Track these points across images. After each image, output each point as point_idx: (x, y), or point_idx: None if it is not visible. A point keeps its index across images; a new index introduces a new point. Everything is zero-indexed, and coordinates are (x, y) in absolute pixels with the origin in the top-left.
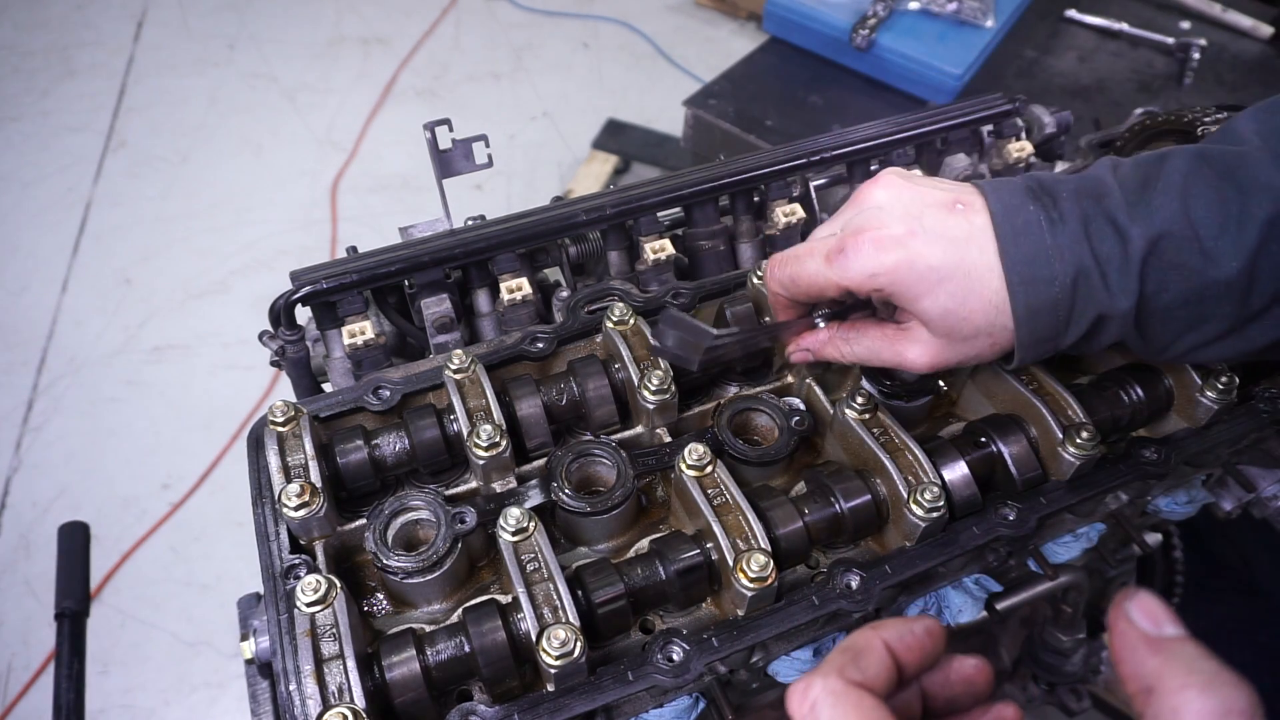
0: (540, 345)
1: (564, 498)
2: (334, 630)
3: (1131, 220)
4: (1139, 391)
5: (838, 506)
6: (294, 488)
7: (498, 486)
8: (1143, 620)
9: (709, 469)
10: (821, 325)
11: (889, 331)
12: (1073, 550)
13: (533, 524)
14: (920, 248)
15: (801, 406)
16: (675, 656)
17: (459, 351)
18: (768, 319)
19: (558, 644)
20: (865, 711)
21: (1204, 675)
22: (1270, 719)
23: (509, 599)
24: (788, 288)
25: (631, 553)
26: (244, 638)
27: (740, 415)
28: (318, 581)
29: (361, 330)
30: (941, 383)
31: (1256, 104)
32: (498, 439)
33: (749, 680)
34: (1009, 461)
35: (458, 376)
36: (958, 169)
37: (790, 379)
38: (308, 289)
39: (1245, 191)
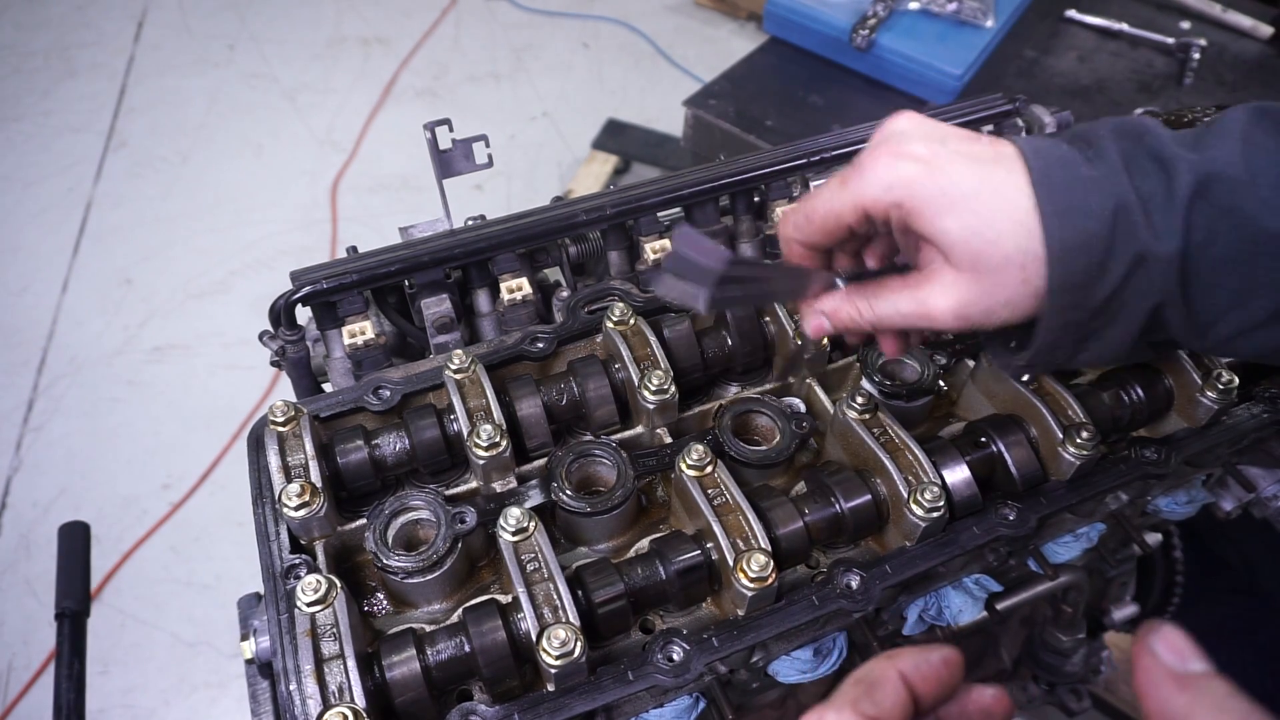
0: (540, 345)
1: (564, 498)
2: (334, 630)
3: (1180, 157)
4: (1139, 391)
5: (838, 506)
6: (294, 488)
7: (498, 486)
8: (1168, 655)
9: (709, 469)
10: (841, 285)
11: (910, 279)
12: (1073, 550)
13: (533, 524)
14: (943, 164)
15: (802, 407)
16: (675, 656)
17: (459, 351)
18: (768, 318)
19: (558, 644)
20: None
21: (1235, 714)
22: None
23: (509, 599)
24: (802, 227)
25: (631, 553)
26: (244, 638)
27: (741, 417)
28: (318, 581)
29: (361, 330)
30: (941, 383)
31: None
32: (498, 439)
33: (749, 680)
34: (1009, 461)
35: (458, 376)
36: None
37: (791, 379)
38: (308, 289)
39: None
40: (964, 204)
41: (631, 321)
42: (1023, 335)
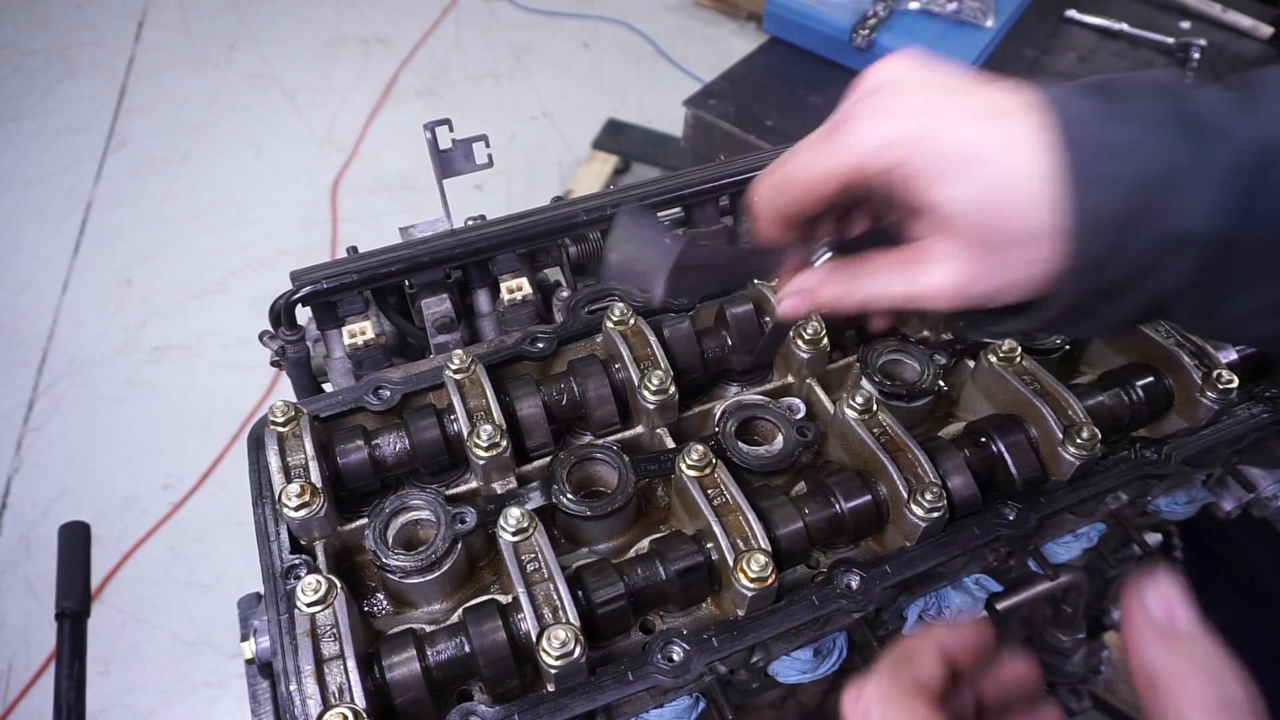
0: (540, 345)
1: (565, 501)
2: (334, 630)
3: (1231, 124)
4: (1139, 391)
5: (838, 506)
6: (294, 488)
7: (498, 487)
8: (1157, 608)
9: (709, 469)
10: (819, 261)
11: (901, 255)
12: (1073, 550)
13: (533, 524)
14: (947, 119)
15: (803, 408)
16: (675, 656)
17: (459, 351)
18: (768, 318)
19: (558, 644)
20: (918, 715)
21: (1216, 677)
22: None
23: (509, 599)
24: (775, 198)
25: (632, 553)
26: (244, 638)
27: (745, 423)
28: (318, 581)
29: (362, 330)
30: (941, 383)
31: None
32: (498, 439)
33: (749, 680)
34: (1009, 462)
35: (458, 376)
36: None
37: (791, 379)
38: (308, 289)
39: None
40: (972, 168)
41: (631, 321)
42: (1017, 309)
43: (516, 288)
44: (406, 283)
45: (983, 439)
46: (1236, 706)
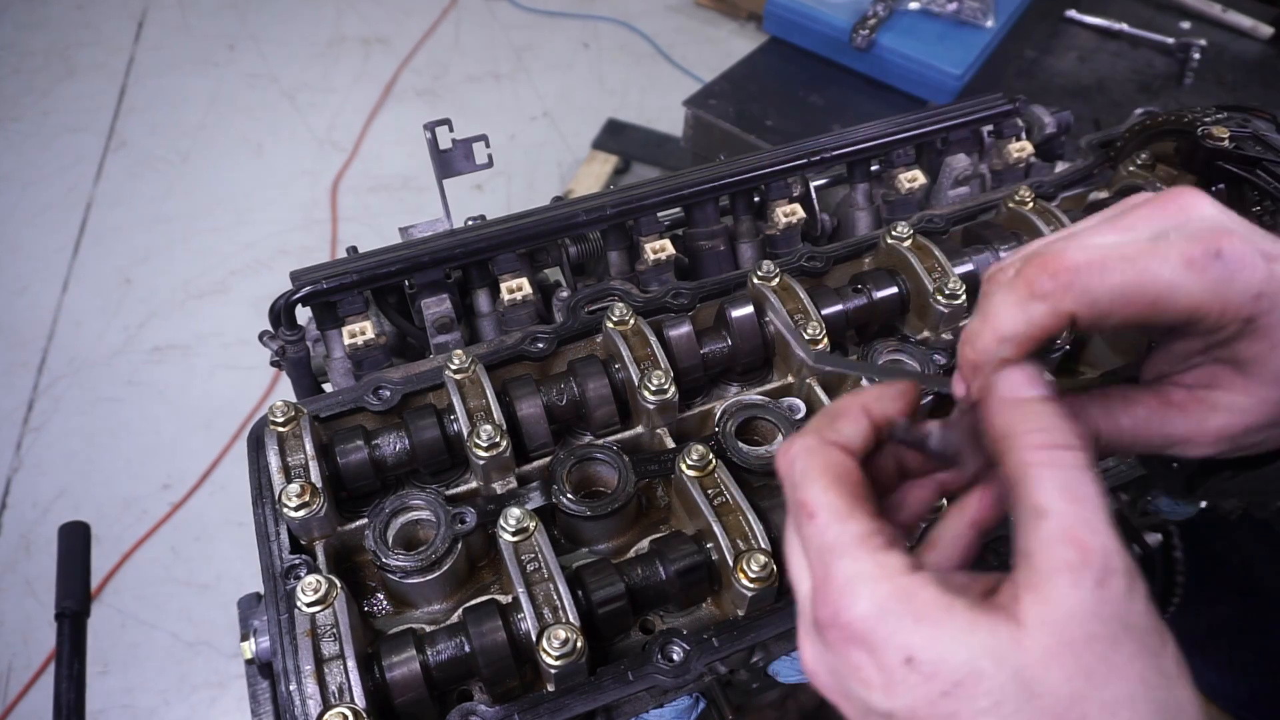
0: (540, 345)
1: (565, 502)
2: (334, 630)
3: None
4: None
5: None
6: (294, 488)
7: (498, 487)
8: (1005, 389)
9: (709, 469)
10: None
11: (1174, 398)
12: None
13: (533, 524)
14: None
15: (803, 408)
16: (675, 656)
17: (459, 351)
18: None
19: (558, 644)
20: (835, 466)
21: (1051, 432)
22: (1271, 719)
23: (509, 599)
24: (1114, 298)
25: (632, 553)
26: (244, 638)
27: (745, 424)
28: (318, 581)
29: (362, 330)
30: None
31: None
32: (498, 439)
33: (749, 680)
34: None
35: (458, 376)
36: (958, 169)
37: (791, 379)
38: (308, 289)
39: None
40: None
41: (631, 321)
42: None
43: (516, 288)
44: (406, 283)
45: None
46: (1077, 447)
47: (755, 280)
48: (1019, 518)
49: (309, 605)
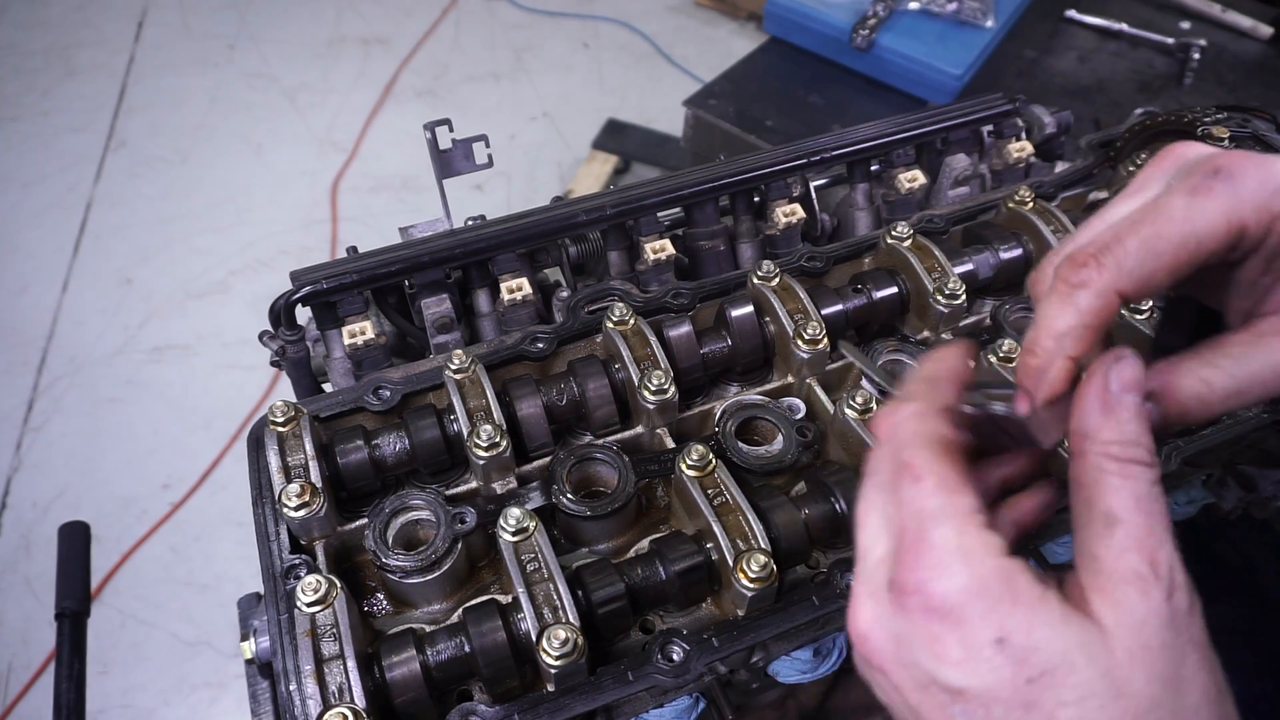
0: (540, 345)
1: (565, 502)
2: (334, 630)
3: None
4: None
5: (838, 506)
6: (294, 488)
7: (498, 487)
8: (1115, 384)
9: (709, 469)
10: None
11: (1268, 326)
12: (1073, 550)
13: (533, 524)
14: None
15: (803, 408)
16: (675, 656)
17: (459, 351)
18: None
19: (558, 644)
20: (945, 437)
21: (1132, 443)
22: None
23: (509, 599)
24: (1142, 259)
25: (632, 553)
26: (244, 638)
27: (745, 423)
28: (318, 581)
29: (362, 330)
30: None
31: None
32: (498, 439)
33: (749, 680)
34: None
35: (458, 376)
36: (958, 169)
37: (790, 379)
38: (308, 289)
39: None
40: None
41: (631, 321)
42: None
43: (516, 288)
44: (406, 283)
45: None
46: (1153, 464)
47: (755, 280)
48: (1085, 520)
49: (309, 605)
